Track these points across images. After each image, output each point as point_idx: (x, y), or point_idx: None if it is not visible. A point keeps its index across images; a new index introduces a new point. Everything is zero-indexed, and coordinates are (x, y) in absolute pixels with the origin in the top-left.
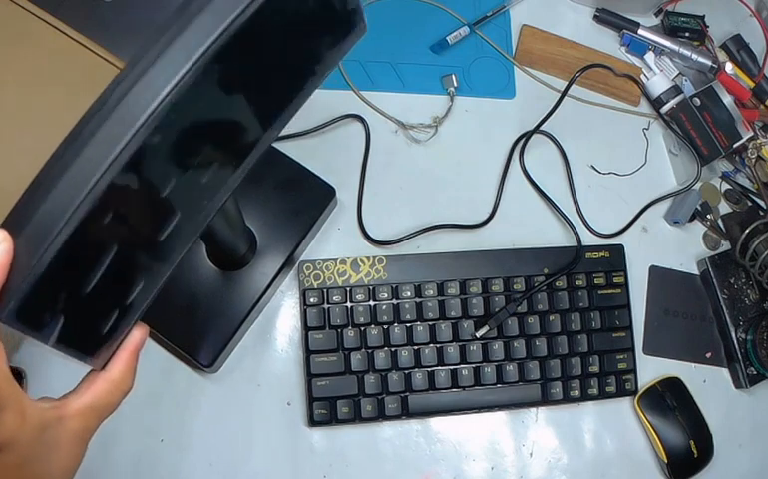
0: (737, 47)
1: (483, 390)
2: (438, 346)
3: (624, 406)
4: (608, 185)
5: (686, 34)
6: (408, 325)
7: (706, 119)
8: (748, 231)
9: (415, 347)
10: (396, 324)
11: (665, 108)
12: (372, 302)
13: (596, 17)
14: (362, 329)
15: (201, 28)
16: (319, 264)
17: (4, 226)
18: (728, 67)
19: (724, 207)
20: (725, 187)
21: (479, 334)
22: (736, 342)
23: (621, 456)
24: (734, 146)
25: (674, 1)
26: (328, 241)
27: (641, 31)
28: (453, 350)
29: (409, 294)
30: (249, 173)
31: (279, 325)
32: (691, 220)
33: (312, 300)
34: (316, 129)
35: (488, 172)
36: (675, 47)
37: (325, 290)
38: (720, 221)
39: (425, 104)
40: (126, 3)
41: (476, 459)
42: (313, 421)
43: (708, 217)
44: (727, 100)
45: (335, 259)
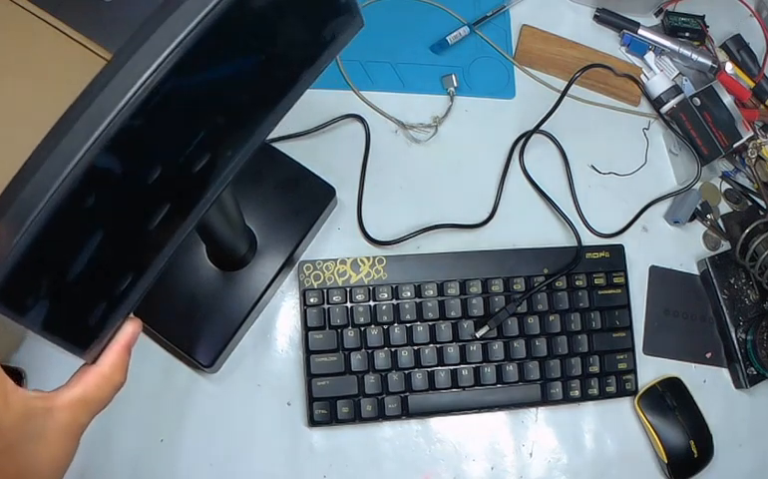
0: (737, 47)
1: (483, 390)
2: (438, 346)
3: (624, 406)
4: (608, 185)
5: (686, 34)
6: (408, 325)
7: (706, 119)
8: (748, 231)
9: (415, 347)
10: (396, 324)
11: (665, 108)
12: (372, 302)
13: (596, 17)
14: (362, 329)
15: (185, 14)
16: (319, 264)
17: None
18: (728, 67)
19: (724, 207)
20: (725, 187)
21: (479, 334)
22: (736, 342)
23: (621, 456)
24: (734, 146)
25: (674, 1)
26: (328, 241)
27: (641, 31)
28: (453, 350)
29: (409, 294)
30: (249, 173)
31: (279, 325)
32: (691, 220)
33: (312, 300)
34: (316, 129)
35: (488, 172)
36: (675, 47)
37: (325, 290)
38: (720, 221)
39: (425, 104)
40: (125, 3)
41: (476, 459)
42: (313, 421)
43: (708, 217)
44: (727, 100)
45: (335, 259)
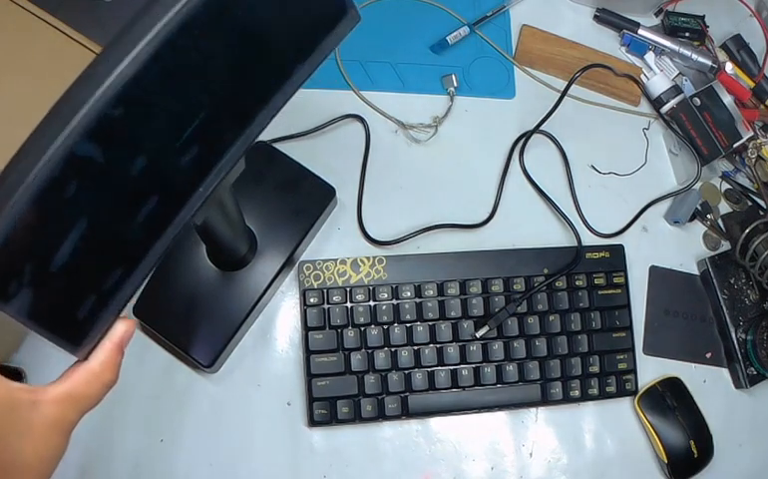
0: (737, 47)
1: (483, 390)
2: (438, 346)
3: (624, 406)
4: (608, 185)
5: (686, 34)
6: (408, 325)
7: (706, 119)
8: (748, 231)
9: (415, 347)
10: (396, 324)
11: (665, 108)
12: (372, 302)
13: (596, 17)
14: (362, 329)
15: (167, 3)
16: (319, 264)
17: None
18: (728, 67)
19: (724, 207)
20: (725, 187)
21: (479, 334)
22: (736, 342)
23: (621, 456)
24: (734, 146)
25: (674, 1)
26: (328, 241)
27: (641, 31)
28: (453, 350)
29: (409, 294)
30: (249, 173)
31: (279, 325)
32: (691, 220)
33: (312, 300)
34: (316, 129)
35: (488, 172)
36: (675, 47)
37: (325, 290)
38: (720, 221)
39: (425, 104)
40: (125, 3)
41: (476, 459)
42: (313, 421)
43: (708, 217)
44: (727, 100)
45: (335, 259)
